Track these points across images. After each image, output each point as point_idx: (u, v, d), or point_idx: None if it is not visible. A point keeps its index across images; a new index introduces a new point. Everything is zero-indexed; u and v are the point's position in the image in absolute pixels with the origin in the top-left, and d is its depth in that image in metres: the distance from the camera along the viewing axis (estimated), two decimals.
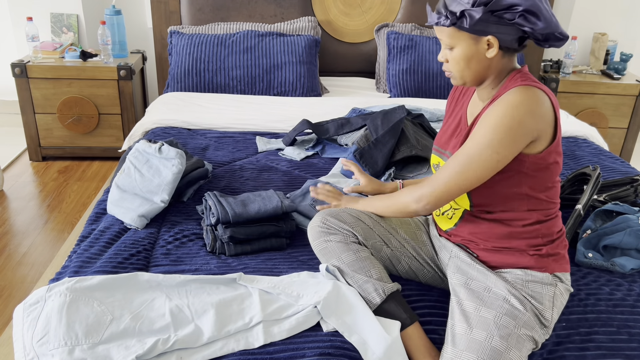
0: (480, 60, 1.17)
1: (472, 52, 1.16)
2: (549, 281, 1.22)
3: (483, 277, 1.23)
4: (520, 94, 1.12)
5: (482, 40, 1.14)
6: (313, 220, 1.40)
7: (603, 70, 3.42)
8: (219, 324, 1.19)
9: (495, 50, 1.15)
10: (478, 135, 1.14)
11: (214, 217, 1.52)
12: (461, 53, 1.17)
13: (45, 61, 2.99)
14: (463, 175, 1.16)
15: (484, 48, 1.15)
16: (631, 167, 2.22)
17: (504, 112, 1.12)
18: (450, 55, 1.20)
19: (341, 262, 1.31)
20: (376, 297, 1.25)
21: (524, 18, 1.10)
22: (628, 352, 1.22)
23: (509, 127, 1.11)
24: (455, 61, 1.19)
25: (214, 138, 2.34)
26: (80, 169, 3.08)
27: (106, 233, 1.56)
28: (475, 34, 1.13)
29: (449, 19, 1.13)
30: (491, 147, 1.12)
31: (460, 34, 1.15)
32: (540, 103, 1.13)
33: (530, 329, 1.14)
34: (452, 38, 1.16)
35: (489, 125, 1.13)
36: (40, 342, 1.12)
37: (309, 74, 2.90)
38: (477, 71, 1.19)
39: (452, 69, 1.22)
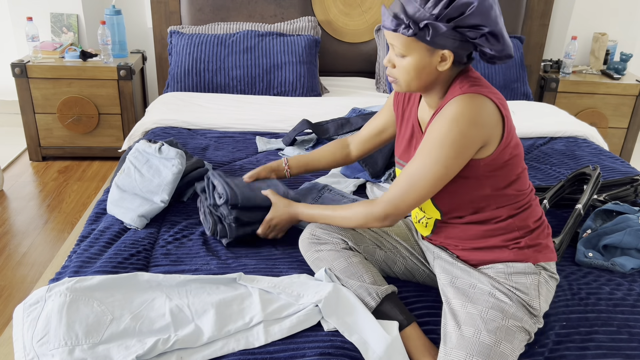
0: (431, 72, 1.15)
1: (425, 63, 1.14)
2: (532, 270, 1.21)
3: (466, 275, 1.23)
4: (461, 105, 1.11)
5: (437, 53, 1.12)
6: (303, 234, 1.43)
7: (603, 70, 3.42)
8: (219, 323, 1.19)
9: (448, 64, 1.13)
10: (424, 151, 1.14)
11: (220, 198, 1.49)
12: (413, 63, 1.14)
13: (45, 61, 2.99)
14: (413, 192, 1.17)
15: (437, 60, 1.13)
16: (631, 167, 2.23)
17: (448, 127, 1.11)
18: (400, 62, 1.16)
19: (334, 270, 1.32)
20: (371, 301, 1.25)
21: (485, 39, 1.09)
22: (628, 352, 1.22)
23: (452, 141, 1.10)
24: (405, 70, 1.16)
25: (214, 138, 2.34)
26: (80, 169, 3.08)
27: (106, 233, 1.56)
28: (434, 46, 1.11)
29: (410, 28, 1.09)
30: (438, 162, 1.12)
31: (417, 44, 1.12)
32: (482, 110, 1.11)
33: (518, 319, 1.14)
34: (407, 47, 1.13)
35: (433, 140, 1.12)
36: (40, 342, 1.12)
37: (309, 74, 2.90)
38: (426, 82, 1.17)
39: (399, 76, 1.18)
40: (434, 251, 1.34)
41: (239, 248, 1.53)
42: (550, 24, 3.45)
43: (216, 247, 1.53)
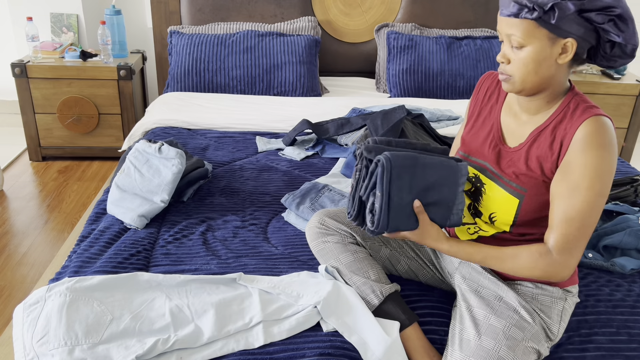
0: (550, 66, 1.06)
1: (546, 54, 1.05)
2: (559, 295, 1.21)
3: (494, 286, 1.21)
4: (604, 130, 1.06)
5: (559, 42, 1.03)
6: (311, 221, 1.40)
7: (603, 70, 3.42)
8: (219, 324, 1.19)
9: (570, 55, 1.04)
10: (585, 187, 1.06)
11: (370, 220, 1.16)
12: (533, 54, 1.05)
13: (45, 61, 2.99)
14: (587, 231, 1.08)
15: (557, 52, 1.05)
16: (631, 167, 2.22)
17: (601, 155, 1.05)
18: (517, 55, 1.07)
19: (339, 263, 1.31)
20: (374, 298, 1.25)
21: (614, 23, 1.00)
22: (628, 353, 1.22)
23: (609, 170, 1.06)
24: (523, 63, 1.06)
25: (214, 138, 2.34)
26: (80, 169, 3.08)
27: (106, 233, 1.56)
28: (556, 33, 1.02)
29: (535, 10, 0.99)
30: (601, 195, 1.07)
31: (539, 32, 1.03)
32: (614, 134, 1.08)
33: (537, 342, 1.13)
34: (528, 35, 1.03)
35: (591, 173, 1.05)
36: (40, 342, 1.12)
37: (309, 74, 2.90)
38: (543, 78, 1.08)
39: (515, 71, 1.09)
40: None
41: (239, 248, 1.53)
42: None
43: (216, 247, 1.53)
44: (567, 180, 1.08)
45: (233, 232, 1.62)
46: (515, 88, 1.11)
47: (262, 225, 1.67)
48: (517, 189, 1.16)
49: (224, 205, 1.77)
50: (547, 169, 1.13)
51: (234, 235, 1.60)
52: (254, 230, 1.63)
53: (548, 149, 1.12)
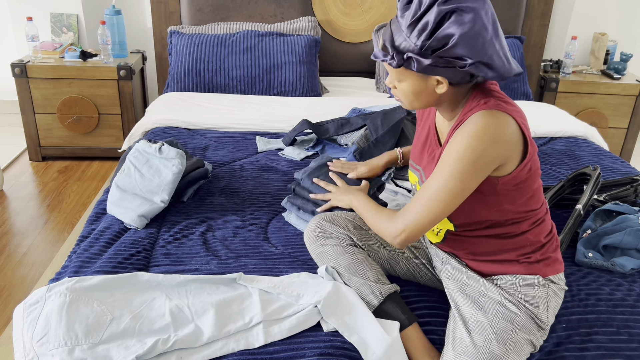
0: (429, 94, 1.13)
1: (421, 87, 1.12)
2: (541, 283, 1.21)
3: (476, 283, 1.23)
4: (481, 122, 1.08)
5: (431, 78, 1.10)
6: (308, 226, 1.42)
7: (603, 70, 3.42)
8: (219, 324, 1.19)
9: (445, 87, 1.10)
10: (443, 167, 1.11)
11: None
12: (410, 87, 1.13)
13: (45, 61, 2.99)
14: (432, 208, 1.13)
15: (433, 84, 1.11)
16: (631, 167, 2.22)
17: (467, 144, 1.08)
18: (398, 86, 1.16)
19: (338, 266, 1.32)
20: (373, 299, 1.25)
21: (475, 67, 1.05)
22: (628, 353, 1.22)
23: (471, 158, 1.08)
24: (404, 93, 1.16)
25: (214, 138, 2.34)
26: (80, 169, 3.08)
27: (106, 233, 1.56)
28: (424, 74, 1.09)
29: (395, 60, 1.08)
30: (455, 178, 1.10)
31: (408, 72, 1.11)
32: (504, 128, 1.08)
33: (527, 332, 1.14)
34: (400, 74, 1.12)
35: (452, 156, 1.10)
36: (40, 342, 1.12)
37: (309, 74, 2.90)
38: (427, 102, 1.16)
39: (400, 97, 1.18)
40: (443, 257, 1.33)
41: (239, 248, 1.53)
42: (550, 24, 3.44)
43: (216, 247, 1.53)
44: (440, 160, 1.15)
45: (233, 232, 1.62)
46: (407, 107, 1.21)
47: (262, 225, 1.67)
48: None
49: (224, 205, 1.77)
50: None
51: (234, 235, 1.60)
52: (254, 230, 1.63)
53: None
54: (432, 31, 1.03)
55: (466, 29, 1.01)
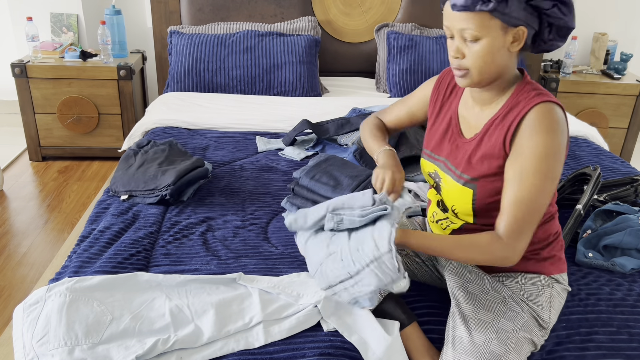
0: (503, 55, 1.09)
1: (500, 44, 1.07)
2: (545, 283, 1.21)
3: (480, 280, 1.22)
4: (551, 115, 1.08)
5: (511, 31, 1.06)
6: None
7: (603, 70, 3.42)
8: (219, 324, 1.19)
9: (522, 43, 1.07)
10: (531, 170, 1.08)
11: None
12: (489, 45, 1.06)
13: (45, 61, 2.99)
14: (535, 216, 1.09)
15: (510, 41, 1.07)
16: (631, 167, 2.22)
17: (546, 140, 1.07)
18: (471, 48, 1.08)
19: None
20: None
21: (557, 8, 1.04)
22: (628, 352, 1.22)
23: (555, 153, 1.08)
24: (479, 55, 1.08)
25: (214, 138, 2.34)
26: (80, 169, 3.08)
27: (106, 233, 1.56)
28: (509, 23, 1.04)
29: (490, 1, 1.01)
30: (549, 178, 1.08)
31: (492, 22, 1.04)
32: (564, 120, 1.11)
33: (529, 331, 1.14)
34: (483, 27, 1.04)
35: (538, 157, 1.07)
36: (40, 342, 1.12)
37: (309, 74, 2.90)
38: (499, 67, 1.10)
39: (471, 64, 1.10)
40: None
41: (239, 248, 1.53)
42: None
43: (216, 247, 1.53)
44: (516, 165, 1.10)
45: (233, 232, 1.62)
46: (472, 81, 1.13)
47: (262, 225, 1.67)
48: (467, 179, 1.19)
49: (224, 205, 1.77)
50: (497, 155, 1.15)
51: (234, 235, 1.60)
52: (254, 230, 1.63)
53: (497, 135, 1.14)
54: None
55: None
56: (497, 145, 1.14)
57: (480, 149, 1.18)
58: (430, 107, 1.35)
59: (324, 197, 1.63)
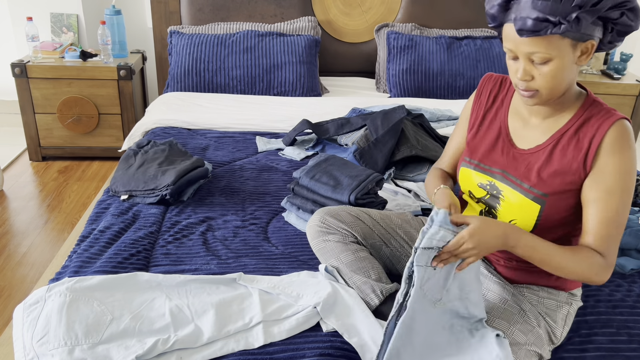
0: (573, 71, 1.07)
1: (570, 61, 1.04)
2: (564, 300, 1.21)
3: (500, 289, 1.21)
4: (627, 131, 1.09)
5: (580, 46, 1.03)
6: (312, 219, 1.41)
7: (603, 70, 3.42)
8: (219, 324, 1.19)
9: (590, 55, 1.05)
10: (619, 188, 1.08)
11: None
12: (560, 65, 1.03)
13: (45, 61, 2.99)
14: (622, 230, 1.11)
15: (577, 55, 1.04)
16: None
17: (630, 156, 1.09)
18: (541, 70, 1.04)
19: (340, 262, 1.31)
20: (374, 298, 1.25)
21: (626, 16, 1.01)
22: (628, 354, 1.22)
23: (634, 168, 1.10)
24: (552, 76, 1.04)
25: (214, 138, 2.34)
26: (80, 169, 3.08)
27: (106, 233, 1.56)
28: (580, 39, 1.01)
29: (562, 24, 0.97)
30: (630, 193, 1.10)
31: (562, 43, 1.00)
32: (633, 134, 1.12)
33: (539, 346, 1.14)
34: (554, 48, 1.01)
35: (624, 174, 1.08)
36: (40, 342, 1.12)
37: (309, 74, 2.90)
38: (569, 83, 1.09)
39: (542, 85, 1.06)
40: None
41: (239, 248, 1.53)
42: None
43: (216, 247, 1.53)
44: (601, 184, 1.09)
45: (233, 231, 1.62)
46: (542, 100, 1.10)
47: (262, 225, 1.67)
48: (538, 194, 1.14)
49: (224, 205, 1.77)
50: (573, 172, 1.12)
51: (234, 235, 1.60)
52: (254, 230, 1.63)
53: (573, 151, 1.12)
54: None
55: None
56: (575, 162, 1.12)
57: (552, 163, 1.14)
58: (471, 118, 1.29)
59: (324, 197, 1.63)
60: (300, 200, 1.67)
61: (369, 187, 1.61)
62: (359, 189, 1.59)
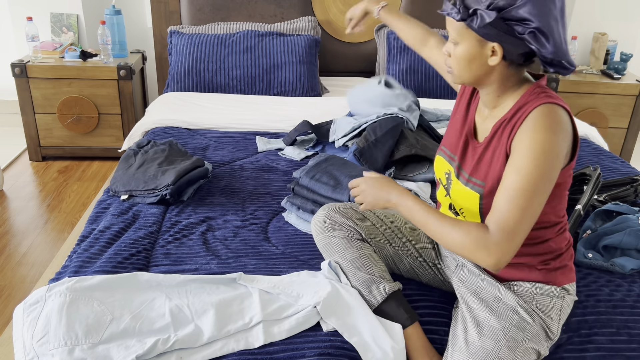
0: (481, 65, 1.12)
1: (475, 54, 1.11)
2: (557, 294, 1.21)
3: (492, 288, 1.21)
4: (551, 115, 1.07)
5: (488, 45, 1.09)
6: (317, 215, 1.41)
7: (603, 70, 3.42)
8: (219, 323, 1.19)
9: (497, 59, 1.09)
10: (528, 167, 1.05)
11: None
12: (464, 52, 1.12)
13: (45, 61, 2.99)
14: (528, 214, 1.05)
15: (488, 54, 1.10)
16: (631, 167, 2.22)
17: (546, 137, 1.05)
18: (454, 51, 1.14)
19: (344, 259, 1.32)
20: (377, 295, 1.25)
21: (533, 35, 1.04)
22: (628, 354, 1.22)
23: (552, 151, 1.06)
24: (457, 59, 1.14)
25: (214, 138, 2.34)
26: (80, 169, 3.08)
27: (106, 233, 1.56)
28: (482, 37, 1.08)
29: (460, 13, 1.07)
30: (544, 177, 1.05)
31: (468, 32, 1.09)
32: (567, 123, 1.10)
33: (537, 342, 1.14)
34: (459, 34, 1.11)
35: (535, 154, 1.05)
36: (40, 342, 1.12)
37: (309, 74, 2.90)
38: (476, 74, 1.14)
39: (452, 65, 1.16)
40: (459, 259, 1.31)
41: (239, 248, 1.53)
42: None
43: (216, 247, 1.53)
44: (511, 162, 1.09)
45: (233, 231, 1.62)
46: (455, 80, 1.19)
47: (263, 225, 1.67)
48: (476, 183, 1.18)
49: (224, 205, 1.77)
50: (502, 157, 1.14)
51: (234, 235, 1.60)
52: (254, 230, 1.63)
53: (505, 138, 1.14)
54: None
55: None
56: (502, 147, 1.14)
57: (488, 152, 1.17)
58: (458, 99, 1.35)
59: (324, 197, 1.63)
60: (300, 200, 1.67)
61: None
62: None
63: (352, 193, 1.30)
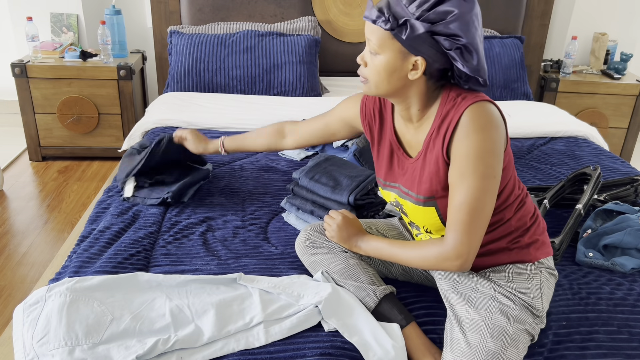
0: (400, 78, 1.10)
1: (397, 66, 1.09)
2: (533, 271, 1.21)
3: (468, 280, 1.22)
4: (481, 114, 1.08)
5: (410, 58, 1.08)
6: (298, 238, 1.43)
7: (603, 70, 3.42)
8: (219, 324, 1.19)
9: (418, 74, 1.08)
10: (468, 172, 1.08)
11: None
12: (385, 63, 1.09)
13: (45, 61, 2.99)
14: (479, 219, 1.09)
15: (408, 67, 1.09)
16: (631, 167, 2.22)
17: (481, 138, 1.07)
18: (372, 60, 1.11)
19: (331, 273, 1.32)
20: (369, 301, 1.25)
21: (460, 52, 1.05)
22: (629, 352, 1.22)
23: (491, 150, 1.07)
24: (376, 70, 1.11)
25: (214, 138, 2.34)
26: (80, 169, 3.08)
27: (106, 233, 1.56)
28: (408, 49, 1.06)
29: (389, 22, 1.04)
30: (487, 176, 1.08)
31: (392, 43, 1.07)
32: (497, 114, 1.11)
33: (522, 322, 1.14)
34: (382, 44, 1.08)
35: (474, 157, 1.07)
36: (40, 342, 1.12)
37: (309, 74, 2.90)
38: (395, 87, 1.12)
39: (369, 76, 1.13)
40: None
41: (239, 248, 1.53)
42: (551, 24, 3.44)
43: (216, 247, 1.53)
44: (454, 168, 1.10)
45: (233, 232, 1.62)
46: (370, 91, 1.16)
47: (262, 225, 1.67)
48: (426, 199, 1.18)
49: (224, 206, 1.77)
50: (441, 168, 1.14)
51: (234, 235, 1.60)
52: (254, 230, 1.63)
53: (438, 148, 1.14)
54: (433, 5, 1.03)
55: (466, 10, 1.04)
56: (438, 158, 1.14)
57: (425, 167, 1.17)
58: (369, 136, 1.34)
59: (324, 197, 1.62)
60: (299, 201, 1.67)
61: (368, 188, 1.61)
62: (358, 189, 1.59)
63: (325, 224, 1.36)
